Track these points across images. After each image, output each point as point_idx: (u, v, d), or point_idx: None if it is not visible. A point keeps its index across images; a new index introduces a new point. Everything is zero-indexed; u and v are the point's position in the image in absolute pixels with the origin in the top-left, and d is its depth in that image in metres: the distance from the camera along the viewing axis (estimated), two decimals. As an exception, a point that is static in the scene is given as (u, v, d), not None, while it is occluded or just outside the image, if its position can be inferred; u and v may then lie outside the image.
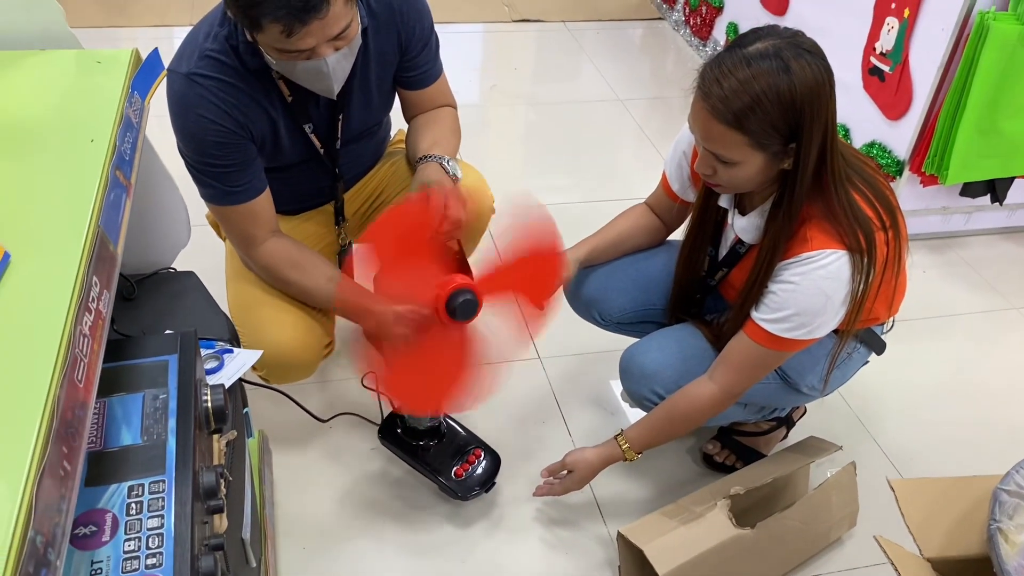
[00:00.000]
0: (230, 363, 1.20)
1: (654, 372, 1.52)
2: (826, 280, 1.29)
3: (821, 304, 1.31)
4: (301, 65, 1.32)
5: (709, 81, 1.22)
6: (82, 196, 0.88)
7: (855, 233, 1.28)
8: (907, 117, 2.31)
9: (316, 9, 1.22)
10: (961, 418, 2.00)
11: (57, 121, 1.03)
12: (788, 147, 1.24)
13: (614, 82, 3.39)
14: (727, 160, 1.26)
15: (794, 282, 1.32)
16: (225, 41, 1.37)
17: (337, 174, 1.63)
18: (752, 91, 1.18)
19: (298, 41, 1.25)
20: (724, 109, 1.20)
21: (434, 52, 1.60)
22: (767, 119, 1.19)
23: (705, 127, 1.25)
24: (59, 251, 0.81)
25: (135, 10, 3.61)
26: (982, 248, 2.59)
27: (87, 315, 0.77)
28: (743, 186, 1.33)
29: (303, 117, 1.49)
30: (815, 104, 1.20)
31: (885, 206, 1.33)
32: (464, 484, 1.60)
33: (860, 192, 1.31)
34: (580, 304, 1.74)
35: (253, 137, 1.44)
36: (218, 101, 1.37)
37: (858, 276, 1.30)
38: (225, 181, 1.43)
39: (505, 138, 3.12)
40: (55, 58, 1.15)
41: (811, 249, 1.29)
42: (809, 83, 1.19)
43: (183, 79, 1.36)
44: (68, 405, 0.69)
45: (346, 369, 1.98)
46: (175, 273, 1.41)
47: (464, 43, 3.63)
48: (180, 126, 1.39)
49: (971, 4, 2.07)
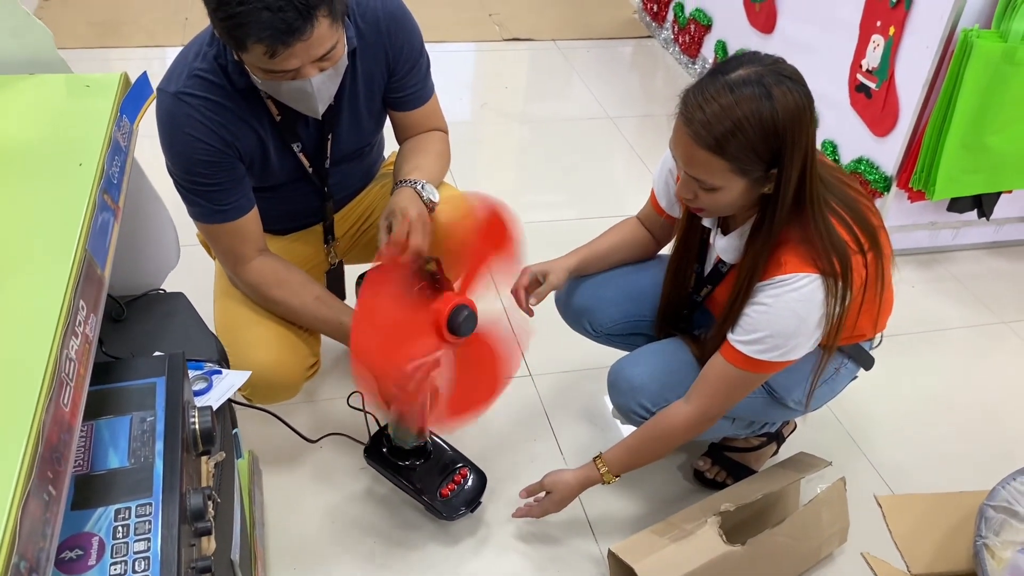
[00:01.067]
0: (218, 384, 1.20)
1: (641, 385, 1.53)
2: (799, 303, 1.31)
3: (794, 326, 1.32)
4: (286, 85, 1.32)
5: (691, 107, 1.23)
6: (69, 220, 0.88)
7: (830, 257, 1.29)
8: (894, 133, 2.33)
9: (299, 31, 1.22)
10: (950, 433, 2.01)
11: (46, 145, 1.03)
12: (769, 172, 1.25)
13: (604, 100, 3.41)
14: (709, 186, 1.27)
15: (767, 304, 1.33)
16: (214, 60, 1.38)
17: (326, 193, 1.64)
18: (734, 117, 1.19)
19: (282, 62, 1.26)
20: (706, 135, 1.21)
21: (424, 73, 1.60)
22: (749, 145, 1.21)
23: (687, 152, 1.26)
24: (46, 275, 0.81)
25: (127, 31, 3.63)
26: (970, 263, 2.60)
27: (73, 339, 0.78)
28: (724, 210, 1.35)
29: (292, 136, 1.50)
30: (796, 130, 1.21)
31: (864, 228, 1.34)
32: (450, 504, 1.60)
33: (838, 216, 1.32)
34: (571, 314, 1.75)
35: (241, 156, 1.44)
36: (206, 120, 1.37)
37: (832, 299, 1.31)
38: (213, 200, 1.43)
39: (496, 156, 3.13)
40: (44, 82, 1.16)
41: (785, 272, 1.31)
42: (791, 109, 1.20)
43: (172, 98, 1.37)
44: (54, 429, 0.69)
45: (334, 388, 1.98)
46: (164, 294, 1.41)
47: (455, 62, 3.66)
48: (168, 145, 1.40)
49: (955, 22, 2.10)
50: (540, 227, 1.55)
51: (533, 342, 2.12)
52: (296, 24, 1.21)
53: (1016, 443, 1.98)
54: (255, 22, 1.19)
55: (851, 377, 1.61)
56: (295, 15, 1.20)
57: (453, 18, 3.95)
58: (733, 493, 1.59)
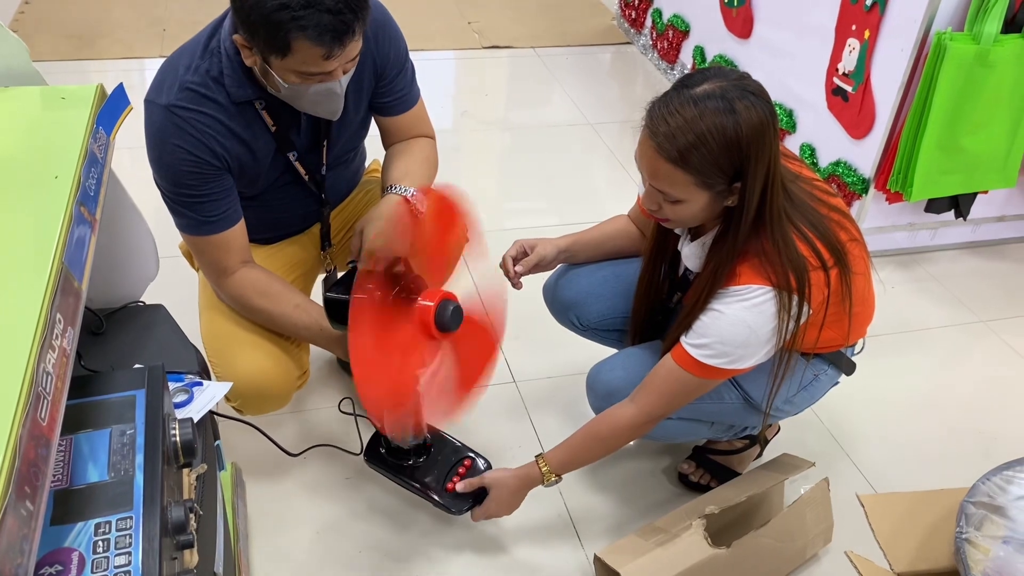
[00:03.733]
0: (199, 396, 1.20)
1: (617, 389, 1.53)
2: (748, 313, 1.32)
3: (744, 336, 1.34)
4: (314, 88, 1.34)
5: (656, 119, 1.24)
6: (46, 233, 0.88)
7: (786, 273, 1.30)
8: (871, 136, 2.36)
9: (353, 31, 1.28)
10: (932, 431, 2.02)
11: (21, 158, 1.03)
12: (732, 186, 1.27)
13: (584, 106, 3.42)
14: (672, 198, 1.28)
15: (719, 310, 1.35)
16: (206, 75, 1.38)
17: (324, 199, 1.64)
18: (698, 130, 1.20)
19: (330, 64, 1.30)
20: (670, 147, 1.22)
21: (410, 78, 1.61)
22: (711, 158, 1.22)
23: (651, 165, 1.27)
24: (22, 288, 0.81)
25: (104, 43, 3.61)
26: (949, 263, 2.63)
27: (51, 353, 0.77)
28: (688, 222, 1.36)
29: (287, 146, 1.51)
30: (759, 145, 1.22)
31: (828, 246, 1.35)
32: (457, 498, 1.57)
33: (800, 233, 1.33)
34: (557, 306, 1.75)
35: (231, 168, 1.44)
36: (196, 133, 1.37)
37: (784, 314, 1.32)
38: (200, 211, 1.43)
39: (478, 163, 3.13)
40: (19, 95, 1.15)
41: (740, 284, 1.33)
42: (754, 124, 1.21)
43: (163, 111, 1.37)
44: (31, 444, 0.69)
45: (320, 398, 1.97)
46: (144, 306, 1.40)
47: (435, 70, 3.66)
48: (157, 157, 1.40)
49: (928, 25, 2.12)
50: (522, 234, 1.55)
51: (516, 348, 2.13)
52: (352, 25, 1.26)
53: (996, 439, 2.00)
54: (318, 25, 1.23)
55: (832, 383, 1.62)
56: (352, 16, 1.26)
57: (432, 26, 3.96)
58: (718, 496, 1.60)
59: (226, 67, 1.38)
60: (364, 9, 1.28)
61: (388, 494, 1.74)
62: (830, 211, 1.40)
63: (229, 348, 1.54)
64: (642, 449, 1.90)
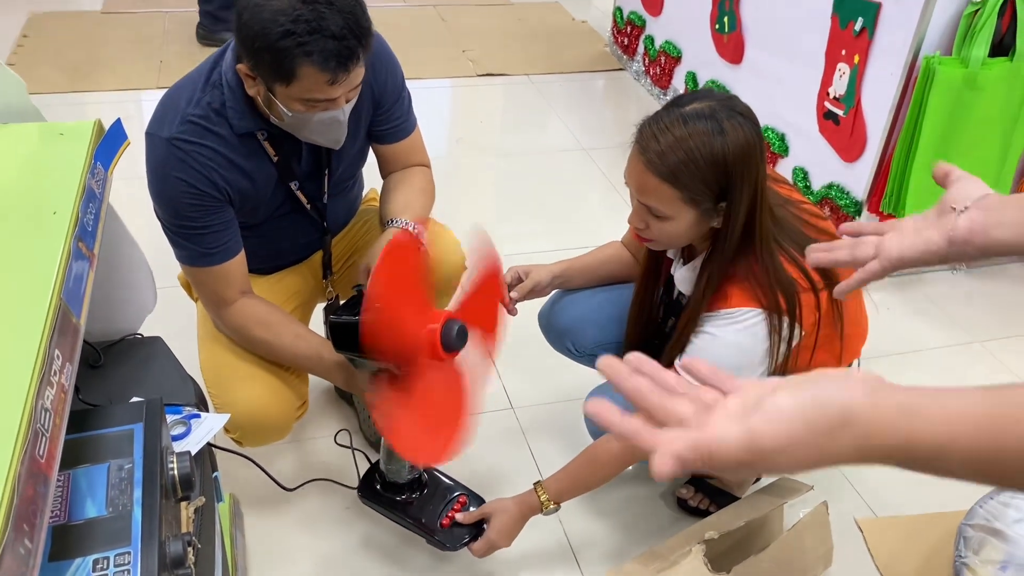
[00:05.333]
0: (197, 428, 1.20)
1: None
2: (740, 335, 1.34)
3: (736, 359, 1.35)
4: (317, 117, 1.35)
5: (647, 136, 1.27)
6: (44, 269, 0.88)
7: (775, 294, 1.32)
8: (863, 159, 2.38)
9: (357, 57, 1.30)
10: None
11: (20, 194, 1.03)
12: (718, 205, 1.29)
13: (578, 132, 3.45)
14: (660, 214, 1.31)
15: (711, 333, 1.36)
16: (208, 107, 1.39)
17: (325, 228, 1.65)
18: (687, 148, 1.23)
19: (334, 89, 1.31)
20: (659, 163, 1.25)
21: (407, 107, 1.63)
22: (699, 176, 1.25)
23: (640, 180, 1.29)
24: (20, 324, 0.81)
25: (99, 75, 3.63)
26: (943, 284, 2.64)
27: (49, 389, 0.77)
28: (674, 241, 1.38)
29: (289, 175, 1.52)
30: (745, 165, 1.25)
31: (818, 268, 1.36)
32: (452, 534, 1.57)
33: (789, 255, 1.35)
34: (554, 334, 1.76)
35: (232, 201, 1.45)
36: (198, 166, 1.38)
37: (775, 336, 1.33)
38: (200, 243, 1.44)
39: (474, 189, 3.15)
40: (17, 132, 1.16)
41: (729, 307, 1.34)
42: (741, 144, 1.24)
43: (165, 143, 1.38)
44: (29, 482, 0.69)
45: (318, 428, 1.97)
46: (142, 339, 1.40)
47: (431, 98, 3.69)
48: (158, 189, 1.41)
49: (917, 49, 2.15)
50: (518, 259, 1.57)
51: (513, 374, 2.13)
52: (356, 51, 1.28)
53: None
54: (323, 51, 1.25)
55: None
56: (356, 43, 1.28)
57: (427, 55, 3.99)
58: (717, 521, 1.59)
59: (228, 99, 1.39)
60: (367, 36, 1.30)
61: (385, 529, 1.74)
62: (819, 234, 1.42)
63: (228, 380, 1.54)
64: (641, 474, 1.90)
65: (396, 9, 4.50)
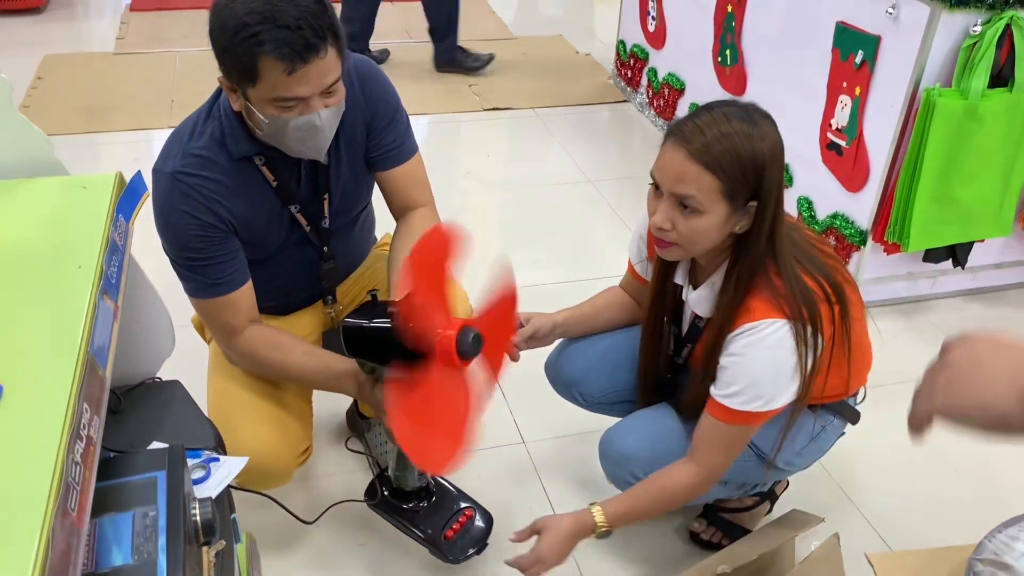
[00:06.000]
0: (216, 472, 1.22)
1: (631, 455, 1.55)
2: (770, 349, 1.35)
3: (771, 374, 1.37)
4: (293, 122, 1.36)
5: (689, 130, 1.30)
6: (71, 323, 0.91)
7: (798, 303, 1.34)
8: (866, 188, 2.40)
9: (315, 48, 1.30)
10: (942, 482, 2.03)
11: (45, 248, 1.07)
12: (748, 204, 1.31)
13: (584, 164, 3.49)
14: (695, 206, 1.30)
15: (740, 354, 1.37)
16: (210, 138, 1.43)
17: (326, 253, 1.65)
18: (732, 141, 1.27)
19: (296, 85, 1.31)
20: (704, 151, 1.28)
21: (403, 129, 1.62)
22: (741, 169, 1.28)
23: (680, 168, 1.30)
24: (51, 380, 0.84)
25: (113, 115, 3.69)
26: (949, 311, 2.65)
27: (79, 443, 0.80)
28: (696, 243, 1.36)
29: (288, 198, 1.54)
30: (776, 166, 1.31)
31: (831, 283, 1.39)
32: (455, 546, 1.56)
33: (804, 268, 1.38)
34: (561, 385, 1.77)
35: (236, 231, 1.48)
36: (201, 198, 1.41)
37: (803, 346, 1.35)
38: (207, 274, 1.47)
39: (480, 223, 3.18)
40: (41, 186, 1.20)
41: (754, 320, 1.35)
42: (775, 145, 1.30)
43: (168, 178, 1.41)
44: (62, 536, 0.71)
45: (327, 464, 1.99)
46: (160, 383, 1.43)
47: (438, 133, 3.73)
48: (163, 224, 1.44)
49: (917, 81, 2.18)
50: (526, 291, 1.58)
51: (524, 407, 2.15)
52: (313, 41, 1.28)
53: (1009, 489, 2.00)
54: (275, 39, 1.27)
55: (838, 434, 1.64)
56: (312, 33, 1.28)
57: (433, 90, 4.05)
58: (729, 554, 1.60)
59: (226, 126, 1.42)
60: (328, 29, 1.30)
61: (402, 564, 1.75)
62: (826, 257, 1.45)
63: (232, 422, 1.54)
64: (652, 507, 1.91)
65: (401, 45, 4.57)
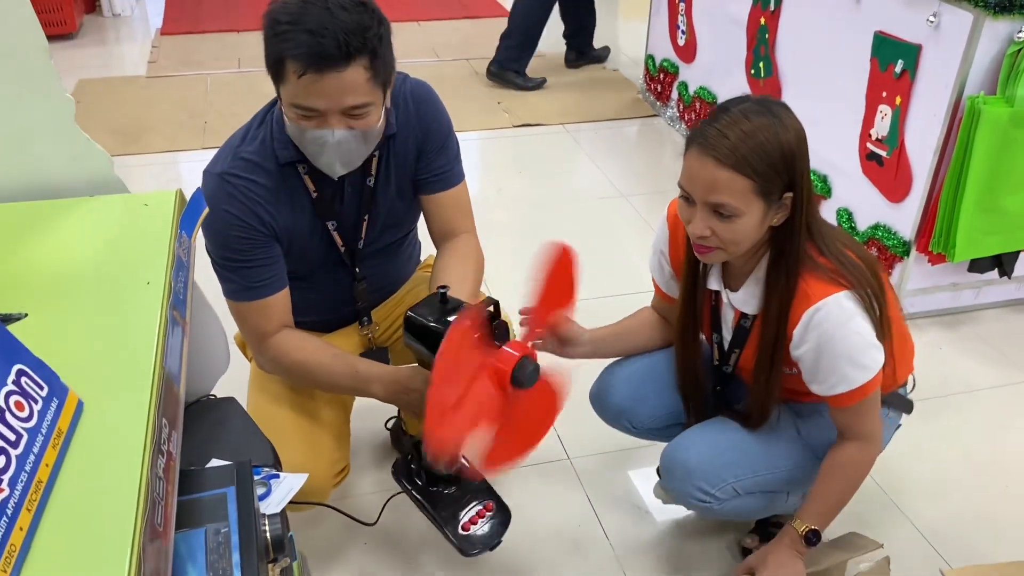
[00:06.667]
0: (277, 488, 1.21)
1: (696, 468, 1.53)
2: (848, 322, 1.34)
3: (861, 344, 1.36)
4: (309, 133, 1.35)
5: (712, 136, 1.29)
6: (146, 339, 0.91)
7: (851, 275, 1.35)
8: (909, 199, 2.38)
9: (333, 61, 1.27)
10: (997, 495, 1.99)
11: (113, 265, 1.07)
12: (783, 196, 1.31)
13: (615, 178, 3.48)
14: (731, 211, 1.30)
15: (820, 341, 1.36)
16: (261, 143, 1.44)
17: (357, 275, 1.64)
18: (757, 139, 1.27)
19: (311, 94, 1.30)
20: (731, 155, 1.27)
21: (454, 155, 1.61)
22: (771, 165, 1.28)
23: (709, 177, 1.29)
24: (129, 396, 0.84)
25: (148, 137, 3.73)
26: (994, 322, 2.62)
27: (160, 458, 0.80)
28: (738, 244, 1.35)
29: (328, 213, 1.53)
30: (803, 151, 1.31)
31: (868, 262, 1.40)
32: (468, 540, 1.54)
33: (844, 244, 1.40)
34: (609, 414, 1.76)
35: (278, 236, 1.48)
36: (246, 200, 1.43)
37: (869, 311, 1.36)
38: (246, 276, 1.47)
39: (514, 239, 3.18)
40: (105, 203, 1.21)
41: (814, 302, 1.35)
42: (797, 132, 1.30)
43: (216, 178, 1.43)
44: (152, 552, 0.71)
45: (369, 483, 1.98)
46: (216, 400, 1.43)
47: (469, 150, 3.69)
48: (208, 223, 1.43)
49: (960, 90, 2.16)
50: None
51: (568, 423, 2.13)
52: (331, 53, 1.26)
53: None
54: (295, 40, 1.26)
55: (895, 425, 1.62)
56: (333, 45, 1.26)
57: (464, 108, 4.06)
58: None
59: (276, 131, 1.43)
60: (357, 46, 1.27)
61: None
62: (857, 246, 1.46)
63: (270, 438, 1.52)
64: (705, 524, 1.88)
65: (431, 64, 4.60)
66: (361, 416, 1.84)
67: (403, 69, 1.43)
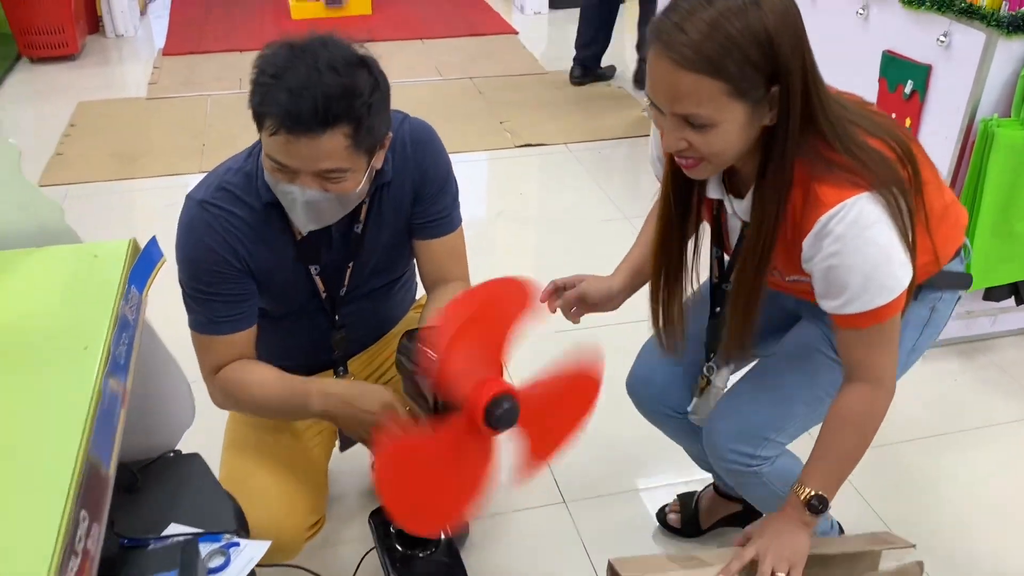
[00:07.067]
0: (237, 559, 1.13)
1: (725, 433, 1.43)
2: (866, 230, 1.14)
3: (882, 257, 1.16)
4: (281, 186, 1.29)
5: (669, 30, 1.07)
6: (72, 419, 0.84)
7: (871, 171, 1.14)
8: (920, 225, 2.28)
9: (308, 127, 1.19)
10: (1011, 540, 1.89)
11: (51, 326, 1.00)
12: (770, 90, 1.10)
13: (619, 200, 3.40)
14: (703, 121, 1.10)
15: (835, 252, 1.16)
16: (245, 175, 1.38)
17: (336, 322, 1.56)
18: (722, 30, 1.05)
19: (284, 153, 1.23)
20: (693, 55, 1.05)
21: (451, 201, 1.54)
22: (744, 58, 1.06)
23: (671, 84, 1.08)
24: (43, 485, 0.76)
25: (145, 161, 3.69)
26: (1010, 349, 2.52)
27: (73, 559, 0.72)
28: (723, 154, 1.15)
29: (310, 258, 1.46)
30: (791, 33, 1.08)
31: (896, 141, 1.20)
32: None
33: (865, 131, 1.18)
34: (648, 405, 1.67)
35: (253, 274, 1.42)
36: (223, 232, 1.36)
37: (896, 213, 1.15)
38: (212, 310, 1.40)
39: (515, 263, 3.10)
40: (53, 255, 1.14)
41: (829, 208, 1.14)
42: (780, 10, 1.07)
43: (197, 205, 1.37)
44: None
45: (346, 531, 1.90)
46: (179, 456, 1.35)
47: (470, 171, 3.67)
48: (181, 249, 1.38)
49: (973, 112, 2.08)
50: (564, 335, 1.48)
51: (562, 462, 2.04)
52: (307, 119, 1.19)
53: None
54: (274, 98, 1.19)
55: (954, 303, 1.45)
56: (311, 111, 1.18)
57: (465, 129, 3.99)
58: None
59: (261, 166, 1.36)
60: (335, 113, 1.19)
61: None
62: (882, 118, 1.26)
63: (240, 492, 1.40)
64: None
65: (434, 83, 4.53)
66: (346, 457, 1.76)
67: (406, 88, 1.35)
